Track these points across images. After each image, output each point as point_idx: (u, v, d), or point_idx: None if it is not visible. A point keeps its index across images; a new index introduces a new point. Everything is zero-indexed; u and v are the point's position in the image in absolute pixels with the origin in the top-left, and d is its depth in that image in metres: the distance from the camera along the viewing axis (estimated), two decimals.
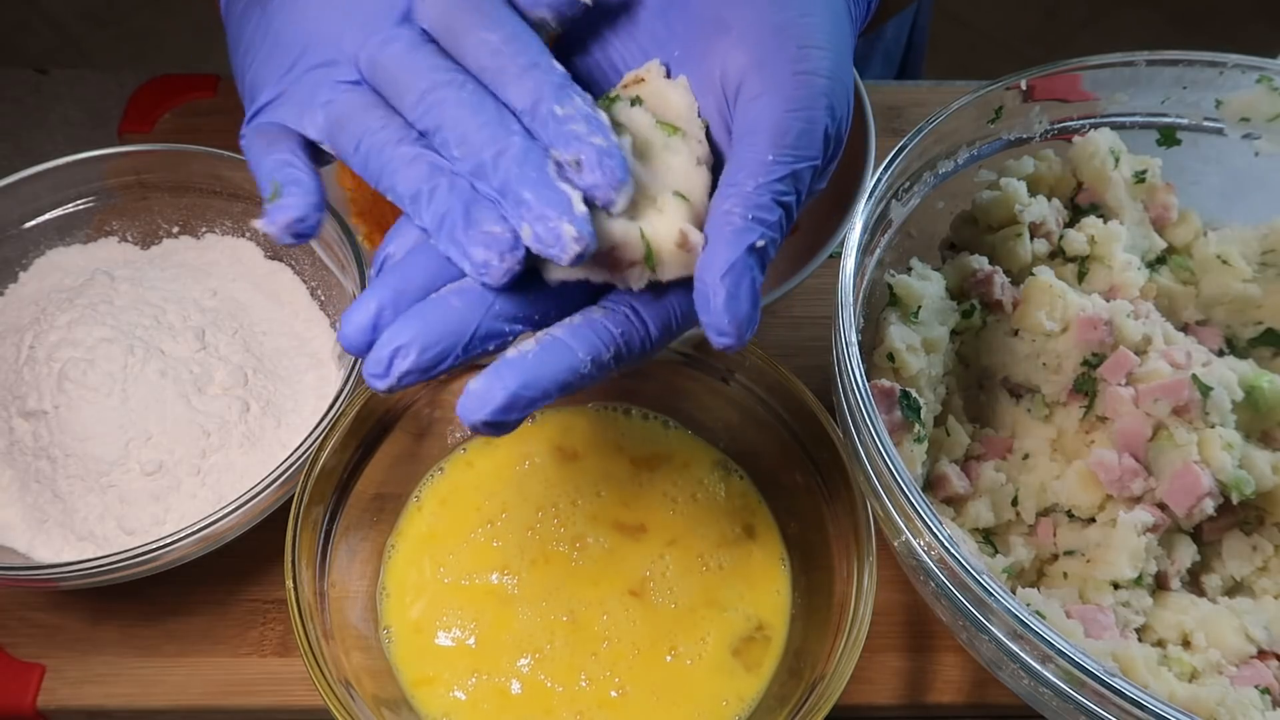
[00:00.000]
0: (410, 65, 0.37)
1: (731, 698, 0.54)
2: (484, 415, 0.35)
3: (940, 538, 0.45)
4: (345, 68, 0.39)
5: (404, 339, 0.35)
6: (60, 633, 0.59)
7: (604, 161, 0.36)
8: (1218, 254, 0.60)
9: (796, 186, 0.38)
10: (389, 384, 0.36)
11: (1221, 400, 0.53)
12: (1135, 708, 0.41)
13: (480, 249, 0.35)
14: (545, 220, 0.35)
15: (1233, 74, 0.60)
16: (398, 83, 0.37)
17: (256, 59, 0.40)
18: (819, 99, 0.38)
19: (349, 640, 0.53)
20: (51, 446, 0.58)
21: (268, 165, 0.39)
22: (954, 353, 0.60)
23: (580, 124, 0.36)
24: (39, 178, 0.66)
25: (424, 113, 0.37)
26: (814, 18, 0.39)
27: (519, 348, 0.37)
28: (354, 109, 0.38)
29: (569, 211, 0.35)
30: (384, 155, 0.37)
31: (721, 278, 0.36)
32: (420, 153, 0.37)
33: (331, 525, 0.55)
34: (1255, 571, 0.54)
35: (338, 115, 0.38)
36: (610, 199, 0.36)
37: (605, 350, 0.37)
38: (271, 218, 0.38)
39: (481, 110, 0.36)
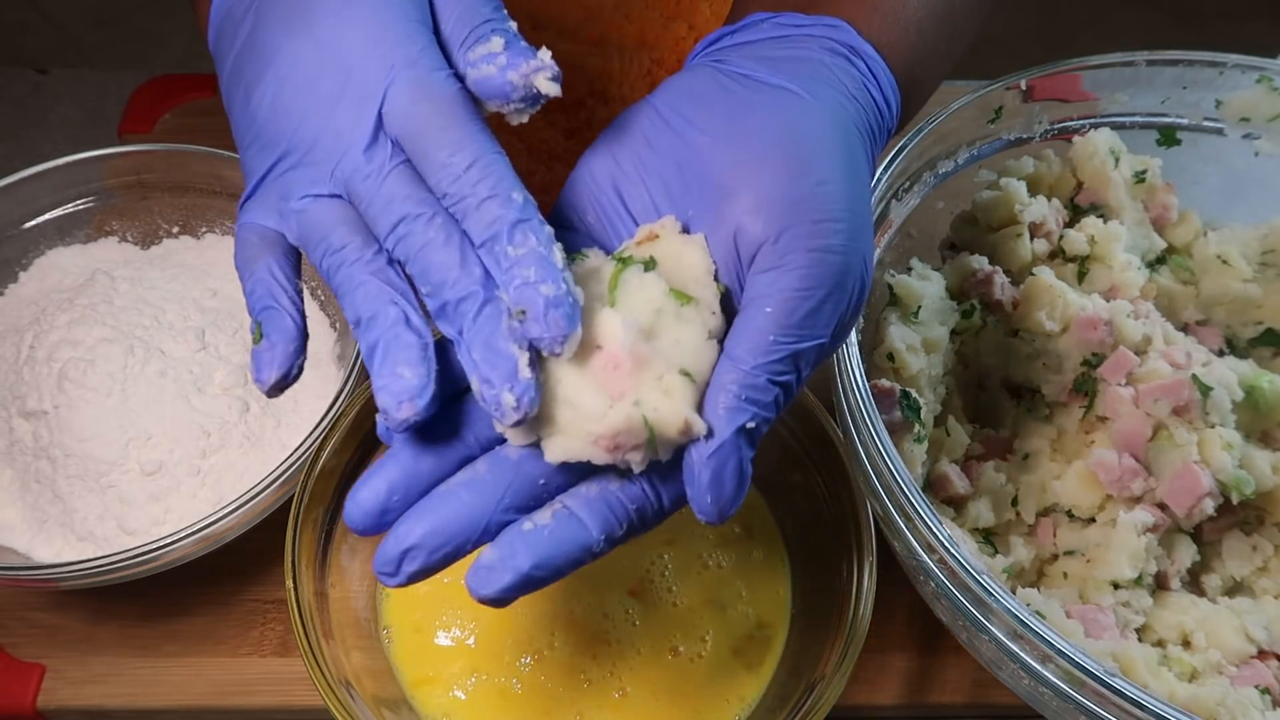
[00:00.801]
0: (382, 194, 0.37)
1: (733, 697, 0.54)
2: (493, 592, 0.36)
3: (940, 538, 0.45)
4: (322, 175, 0.38)
5: (414, 539, 0.35)
6: (60, 633, 0.59)
7: (549, 313, 0.35)
8: (1218, 254, 0.60)
9: (798, 365, 0.37)
10: (399, 583, 0.36)
11: (1221, 400, 0.53)
12: (1135, 708, 0.41)
13: (388, 396, 0.35)
14: (489, 385, 0.35)
15: (1233, 74, 0.60)
16: (371, 209, 0.37)
17: (243, 145, 0.40)
18: (830, 278, 0.37)
19: (349, 640, 0.53)
20: (51, 446, 0.58)
21: (251, 284, 0.39)
22: (954, 353, 0.60)
23: (530, 268, 0.35)
24: (39, 178, 0.66)
25: (395, 244, 0.37)
26: (831, 186, 0.38)
27: (533, 519, 0.36)
28: (321, 223, 0.38)
29: (511, 377, 0.35)
30: (341, 274, 0.37)
31: (708, 458, 0.36)
32: (368, 279, 0.37)
33: (331, 525, 0.55)
34: (1255, 571, 0.54)
35: (308, 226, 0.38)
36: (555, 351, 0.35)
37: (619, 526, 0.37)
38: (257, 374, 0.38)
39: (447, 249, 0.36)
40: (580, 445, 0.36)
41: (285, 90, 0.38)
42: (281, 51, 0.38)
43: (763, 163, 0.38)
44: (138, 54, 1.96)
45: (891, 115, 0.44)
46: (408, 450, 0.37)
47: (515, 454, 0.37)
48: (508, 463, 0.37)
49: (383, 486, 0.36)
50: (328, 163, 0.38)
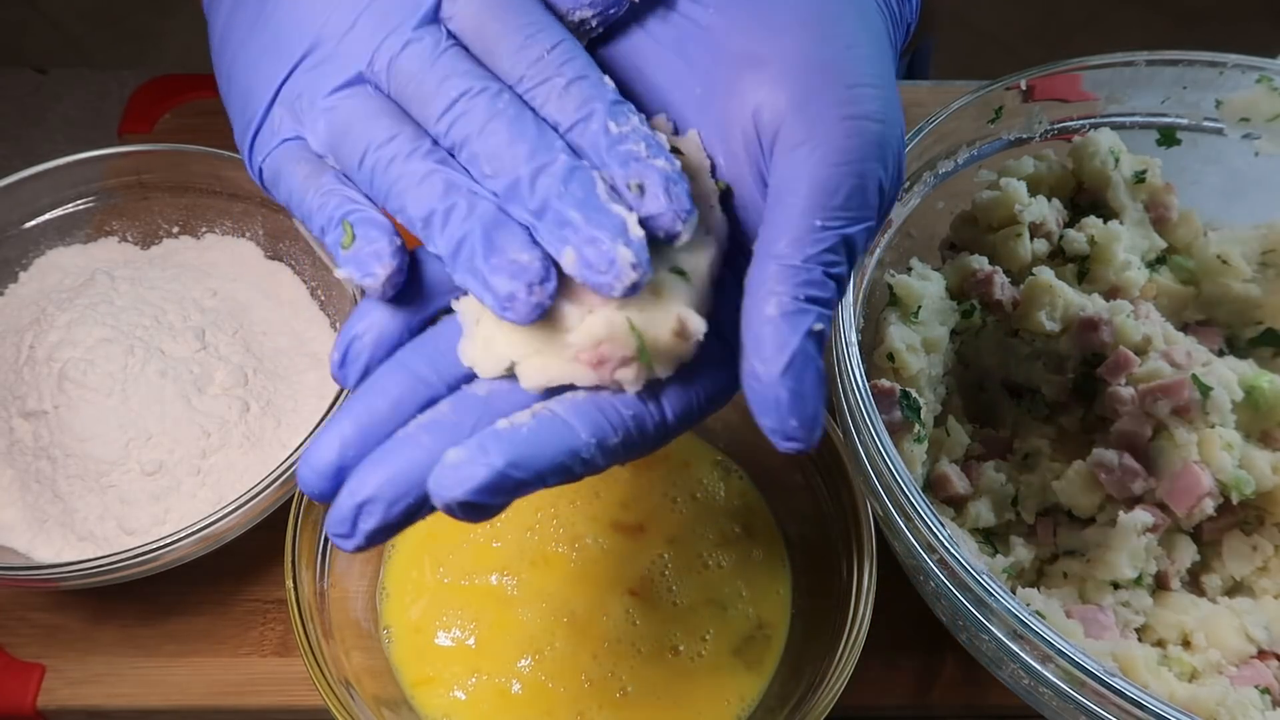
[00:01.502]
0: (437, 70, 0.32)
1: (733, 697, 0.54)
2: (459, 494, 0.30)
3: (940, 538, 0.45)
4: (353, 67, 0.34)
5: (369, 491, 0.31)
6: (60, 633, 0.59)
7: (670, 188, 0.31)
8: (1218, 254, 0.60)
9: (849, 255, 0.32)
10: (356, 544, 0.31)
11: (1221, 400, 0.53)
12: (1135, 708, 0.41)
13: (504, 279, 0.31)
14: (596, 243, 0.30)
15: (1233, 74, 0.60)
16: (421, 89, 0.33)
17: (249, 58, 0.35)
18: (871, 149, 0.32)
19: (349, 640, 0.53)
20: (51, 446, 0.58)
21: (319, 199, 0.34)
22: (954, 353, 0.60)
23: (639, 144, 0.31)
24: (39, 178, 0.66)
25: (451, 124, 0.32)
26: (861, 49, 0.33)
27: (511, 421, 0.31)
28: (360, 116, 0.33)
29: (624, 234, 0.30)
30: (392, 171, 0.32)
31: (783, 375, 0.31)
32: (434, 168, 0.32)
33: None
34: (1255, 571, 0.54)
35: (341, 123, 0.33)
36: (675, 230, 0.31)
37: (613, 434, 0.32)
38: (364, 271, 0.32)
39: (519, 123, 0.32)
40: (559, 364, 0.32)
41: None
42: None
43: (783, 31, 0.33)
44: (138, 54, 1.96)
45: (911, 7, 0.39)
46: (362, 400, 0.33)
47: (485, 389, 0.33)
48: (475, 400, 0.33)
49: (335, 442, 0.32)
50: (366, 49, 0.33)
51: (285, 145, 0.35)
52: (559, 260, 0.31)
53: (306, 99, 0.34)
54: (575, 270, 0.30)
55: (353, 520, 0.31)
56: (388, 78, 0.33)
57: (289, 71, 0.34)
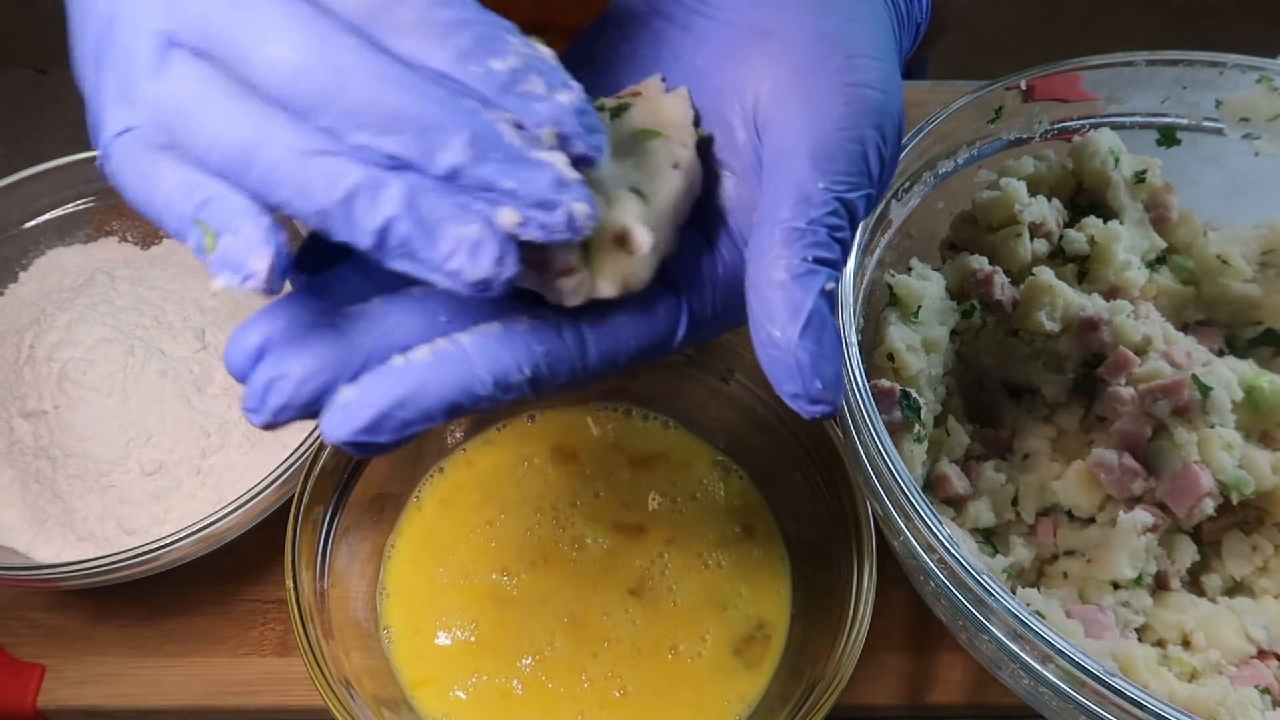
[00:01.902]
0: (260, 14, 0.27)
1: (733, 697, 0.54)
2: (345, 435, 0.29)
3: (940, 538, 0.45)
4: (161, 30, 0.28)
5: (281, 369, 0.29)
6: (60, 633, 0.59)
7: (583, 118, 0.28)
8: (1218, 254, 0.60)
9: (851, 219, 0.32)
10: (264, 420, 0.30)
11: (1221, 400, 0.53)
12: (1135, 708, 0.41)
13: (466, 262, 0.27)
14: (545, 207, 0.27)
15: (1233, 74, 0.60)
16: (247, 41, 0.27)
17: (74, 51, 0.30)
18: (870, 116, 0.32)
19: (349, 640, 0.53)
20: (51, 446, 0.58)
21: (162, 198, 0.28)
22: (954, 353, 0.60)
23: (533, 77, 0.28)
24: (39, 178, 0.66)
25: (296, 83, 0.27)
26: (862, 24, 0.34)
27: (408, 356, 0.30)
28: (192, 96, 0.28)
29: (563, 184, 0.27)
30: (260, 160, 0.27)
31: (801, 337, 0.30)
32: (309, 146, 0.27)
33: (331, 525, 0.55)
34: (1255, 571, 0.54)
35: (174, 108, 0.28)
36: (592, 154, 0.28)
37: (518, 370, 0.30)
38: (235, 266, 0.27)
39: (387, 70, 0.27)
40: None
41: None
42: None
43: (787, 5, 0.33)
44: None
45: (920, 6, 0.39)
46: (303, 295, 0.31)
47: (420, 290, 0.31)
48: (409, 299, 0.31)
49: (264, 327, 0.30)
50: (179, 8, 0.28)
51: (119, 140, 0.29)
52: (495, 222, 0.27)
53: (123, 83, 0.29)
54: (531, 233, 0.27)
55: (262, 395, 0.29)
56: (204, 37, 0.28)
57: (99, 53, 0.29)
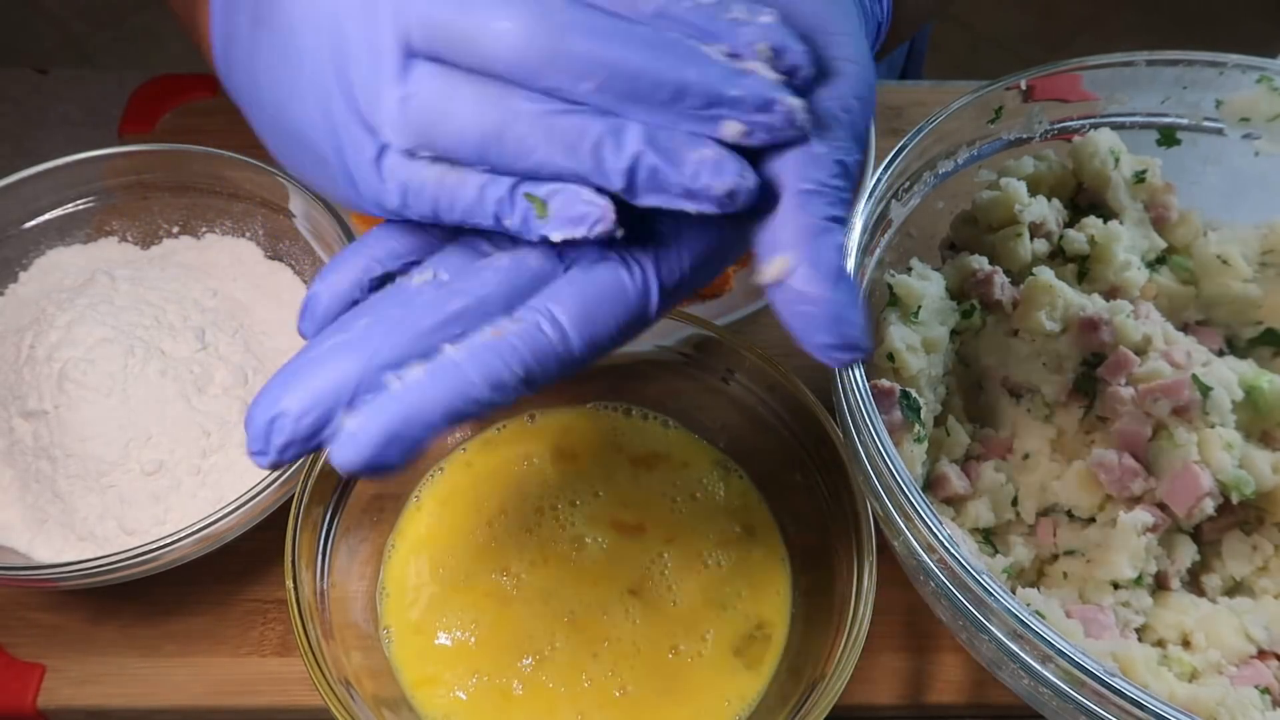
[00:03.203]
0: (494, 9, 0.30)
1: (733, 696, 0.54)
2: (356, 463, 0.31)
3: (940, 538, 0.45)
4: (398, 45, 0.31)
5: (277, 407, 0.31)
6: (60, 633, 0.59)
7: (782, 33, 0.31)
8: (1218, 254, 0.60)
9: (849, 180, 0.33)
10: (271, 461, 0.32)
11: (1221, 400, 0.53)
12: (1135, 708, 0.41)
13: (712, 179, 0.30)
14: (765, 107, 0.30)
15: (1233, 74, 0.60)
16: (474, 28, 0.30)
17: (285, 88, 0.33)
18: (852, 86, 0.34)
19: (349, 640, 0.53)
20: (51, 446, 0.58)
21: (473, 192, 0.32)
22: (954, 353, 0.60)
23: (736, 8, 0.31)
24: (39, 178, 0.66)
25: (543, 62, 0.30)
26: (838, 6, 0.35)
27: (402, 376, 0.32)
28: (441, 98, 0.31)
29: (775, 87, 0.30)
30: (511, 134, 0.31)
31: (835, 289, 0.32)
32: (552, 109, 0.30)
33: (331, 525, 0.55)
34: (1255, 571, 0.54)
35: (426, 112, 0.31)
36: (800, 60, 0.31)
37: (509, 371, 0.32)
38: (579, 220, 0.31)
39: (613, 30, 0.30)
40: None
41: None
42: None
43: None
44: (138, 54, 1.96)
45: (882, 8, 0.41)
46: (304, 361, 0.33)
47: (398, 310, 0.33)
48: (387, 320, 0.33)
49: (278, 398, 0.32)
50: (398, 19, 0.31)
51: (386, 159, 0.32)
52: (725, 136, 0.30)
53: (367, 103, 0.32)
54: (753, 139, 0.30)
55: (265, 435, 0.31)
56: (431, 39, 0.31)
57: (337, 83, 0.32)
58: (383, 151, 0.32)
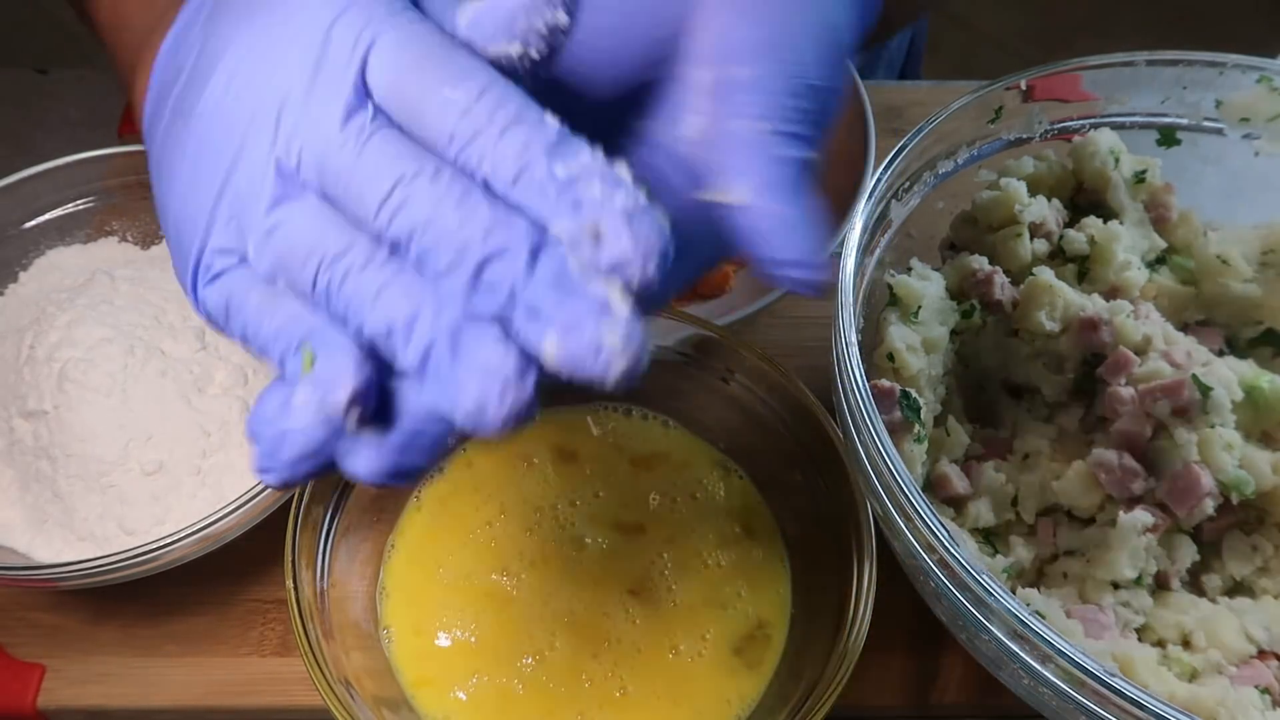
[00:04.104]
0: (366, 161, 0.29)
1: (734, 696, 0.54)
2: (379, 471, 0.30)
3: (940, 538, 0.45)
4: (285, 173, 0.30)
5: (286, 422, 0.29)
6: (60, 633, 0.59)
7: (632, 223, 0.27)
8: (1218, 254, 0.60)
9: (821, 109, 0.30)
10: (281, 477, 0.30)
11: (1221, 400, 0.53)
12: (1135, 708, 0.41)
13: (474, 383, 0.27)
14: (577, 330, 0.27)
15: (1233, 74, 0.60)
16: (353, 185, 0.29)
17: (178, 184, 0.32)
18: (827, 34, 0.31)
19: (349, 640, 0.53)
20: (51, 446, 0.58)
21: (272, 327, 0.30)
22: (954, 353, 0.60)
23: (592, 183, 0.27)
24: (39, 178, 0.66)
25: (393, 218, 0.28)
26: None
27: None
28: (304, 232, 0.30)
29: (606, 312, 0.27)
30: (347, 288, 0.29)
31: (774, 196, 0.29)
32: (392, 278, 0.29)
33: (331, 525, 0.55)
34: (1255, 571, 0.54)
35: (286, 243, 0.30)
36: (649, 276, 0.27)
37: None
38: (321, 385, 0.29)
39: (464, 202, 0.28)
40: None
41: (239, 77, 0.30)
42: (234, 41, 0.31)
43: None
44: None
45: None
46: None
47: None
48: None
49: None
50: (292, 151, 0.30)
51: (230, 274, 0.31)
52: (539, 355, 0.27)
53: (244, 218, 0.31)
54: (560, 364, 0.27)
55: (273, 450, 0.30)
56: (319, 180, 0.30)
57: (219, 190, 0.31)
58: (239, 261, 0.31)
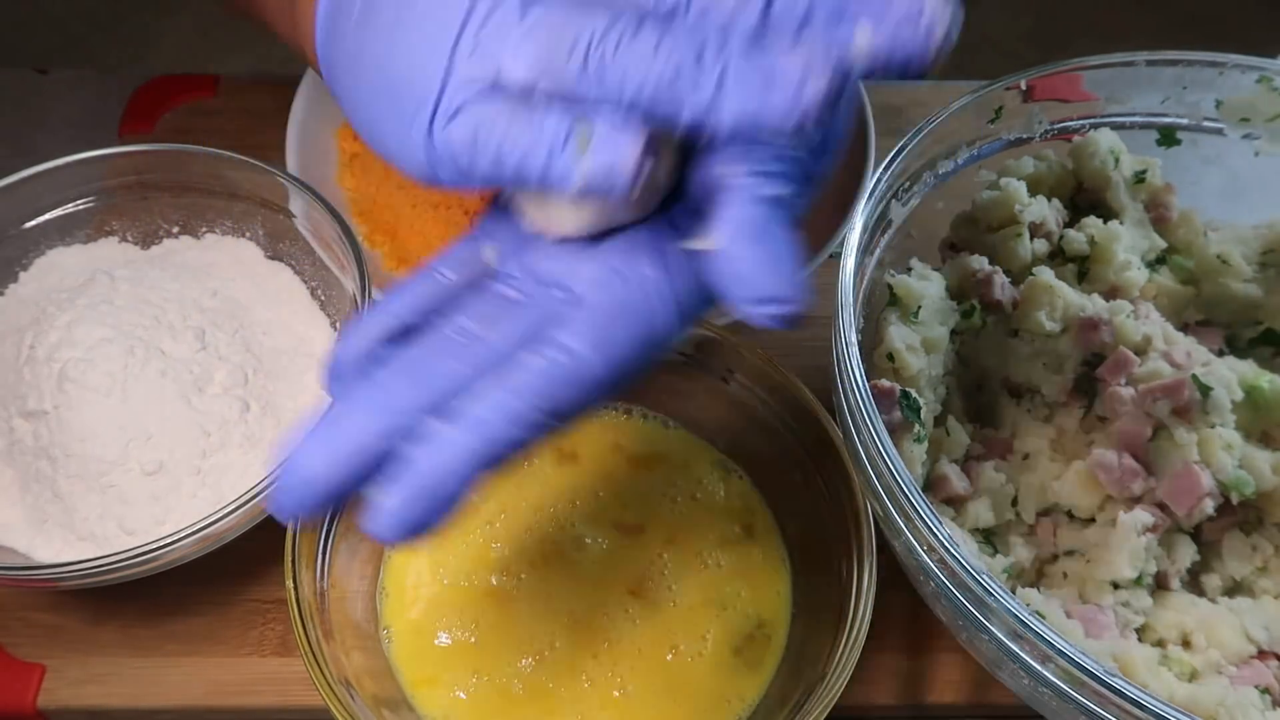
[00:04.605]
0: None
1: (734, 696, 0.54)
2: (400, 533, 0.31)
3: (940, 538, 0.45)
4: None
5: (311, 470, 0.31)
6: (60, 633, 0.59)
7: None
8: (1218, 254, 0.60)
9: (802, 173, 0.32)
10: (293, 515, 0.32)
11: (1221, 400, 0.53)
12: (1135, 708, 0.41)
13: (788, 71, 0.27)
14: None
15: (1233, 74, 0.60)
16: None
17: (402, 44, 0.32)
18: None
19: (349, 640, 0.53)
20: (52, 446, 0.57)
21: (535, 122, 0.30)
22: (954, 353, 0.60)
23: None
24: (39, 178, 0.66)
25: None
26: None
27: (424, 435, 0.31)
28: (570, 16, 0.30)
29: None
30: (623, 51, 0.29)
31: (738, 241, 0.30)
32: (668, 33, 0.29)
33: (331, 525, 0.55)
34: (1255, 571, 0.54)
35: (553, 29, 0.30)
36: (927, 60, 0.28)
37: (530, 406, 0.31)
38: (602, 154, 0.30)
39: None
40: None
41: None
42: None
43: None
44: (138, 54, 1.96)
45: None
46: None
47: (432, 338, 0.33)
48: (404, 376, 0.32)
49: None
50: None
51: (476, 103, 0.31)
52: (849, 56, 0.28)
53: (494, 38, 0.31)
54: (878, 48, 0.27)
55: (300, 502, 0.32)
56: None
57: (459, 27, 0.31)
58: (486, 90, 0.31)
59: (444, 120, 0.31)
